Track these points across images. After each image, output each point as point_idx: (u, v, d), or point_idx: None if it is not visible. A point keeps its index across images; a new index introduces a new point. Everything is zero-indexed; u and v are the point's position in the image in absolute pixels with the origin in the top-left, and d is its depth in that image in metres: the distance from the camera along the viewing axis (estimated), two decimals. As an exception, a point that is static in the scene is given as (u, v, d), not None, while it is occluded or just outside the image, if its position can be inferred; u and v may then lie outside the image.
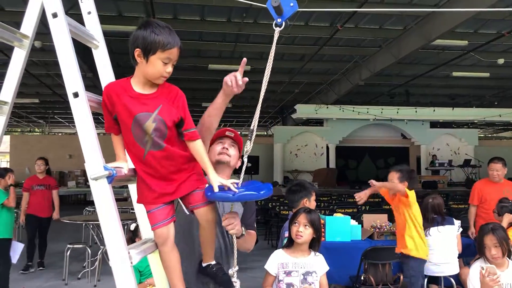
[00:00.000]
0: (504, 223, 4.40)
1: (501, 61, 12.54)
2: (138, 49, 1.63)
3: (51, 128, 28.85)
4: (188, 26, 10.64)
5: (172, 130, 1.67)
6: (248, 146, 1.78)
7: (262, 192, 1.69)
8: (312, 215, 2.58)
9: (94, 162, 1.47)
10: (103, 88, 1.72)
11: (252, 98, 19.79)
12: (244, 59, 1.92)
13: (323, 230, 4.25)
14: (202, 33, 11.47)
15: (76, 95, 1.48)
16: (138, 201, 1.75)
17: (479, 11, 8.59)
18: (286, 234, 3.06)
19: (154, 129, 1.63)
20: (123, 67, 14.26)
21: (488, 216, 5.11)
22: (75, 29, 1.62)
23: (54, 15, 1.50)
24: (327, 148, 19.23)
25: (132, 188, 1.85)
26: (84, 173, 15.71)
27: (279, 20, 1.74)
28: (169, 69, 1.66)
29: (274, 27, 1.74)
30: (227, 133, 2.30)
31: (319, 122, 19.79)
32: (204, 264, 1.93)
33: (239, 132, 2.35)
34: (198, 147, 1.72)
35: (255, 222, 2.37)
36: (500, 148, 22.22)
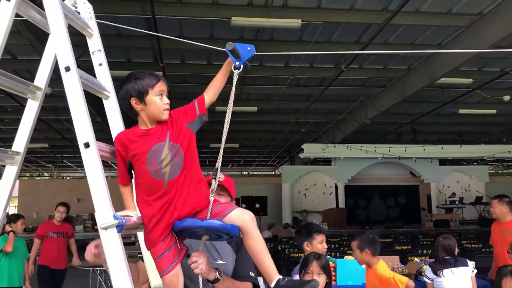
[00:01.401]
0: (520, 264, 4.30)
1: (506, 98, 12.59)
2: (133, 98, 1.76)
3: (59, 172, 29.05)
4: (195, 70, 10.88)
5: (187, 153, 1.76)
6: (213, 185, 1.77)
7: (229, 224, 1.70)
8: (323, 260, 2.55)
9: (103, 211, 1.48)
10: (113, 137, 1.77)
11: (260, 139, 19.94)
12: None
13: (334, 273, 4.17)
14: (209, 77, 11.64)
15: (87, 145, 1.50)
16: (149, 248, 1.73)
17: (481, 52, 8.72)
18: (296, 277, 3.01)
19: (172, 156, 1.71)
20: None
21: (498, 258, 5.03)
22: (86, 81, 1.68)
23: (67, 69, 1.55)
24: (336, 187, 19.09)
25: (141, 236, 1.85)
26: (92, 217, 15.68)
27: (237, 63, 1.83)
28: (166, 100, 1.80)
29: (233, 69, 1.84)
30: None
31: (327, 161, 19.76)
32: (273, 284, 1.78)
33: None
34: None
35: (253, 273, 2.15)
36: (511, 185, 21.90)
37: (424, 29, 9.16)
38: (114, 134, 1.84)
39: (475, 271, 4.34)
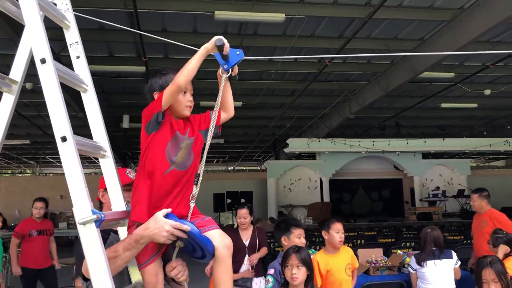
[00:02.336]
0: (500, 254, 4.37)
1: (487, 92, 12.78)
2: (156, 92, 1.82)
3: (42, 169, 28.64)
4: (180, 64, 10.69)
5: (196, 156, 1.82)
6: (194, 191, 1.75)
7: (209, 240, 1.68)
8: (302, 253, 2.55)
9: (81, 206, 1.45)
10: (92, 132, 1.78)
11: (245, 134, 19.91)
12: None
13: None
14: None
15: (64, 139, 1.47)
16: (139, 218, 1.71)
17: (448, 54, 8.80)
18: (270, 271, 3.03)
19: (189, 149, 1.78)
20: (114, 106, 14.36)
21: (476, 248, 5.20)
22: (64, 74, 1.64)
23: (43, 61, 1.52)
24: (321, 181, 19.19)
25: (122, 231, 1.82)
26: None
27: (225, 66, 1.82)
28: (189, 97, 1.86)
29: (221, 73, 1.82)
30: None
31: (311, 156, 19.84)
32: None
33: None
34: None
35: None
36: (492, 178, 22.29)
37: (406, 24, 9.23)
38: (93, 129, 1.81)
39: (459, 262, 4.41)
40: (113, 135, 18.25)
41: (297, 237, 3.35)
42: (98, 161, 1.87)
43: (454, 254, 4.34)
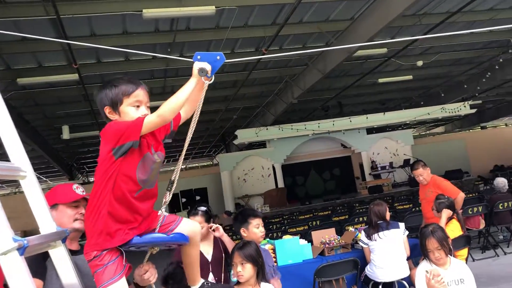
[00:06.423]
0: (443, 218, 4.59)
1: (419, 63, 13.31)
2: (107, 107, 1.68)
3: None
4: (114, 68, 10.45)
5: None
6: (168, 198, 1.74)
7: (186, 236, 1.78)
8: (246, 249, 2.51)
9: (1, 235, 1.35)
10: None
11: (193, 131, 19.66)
12: None
13: (274, 255, 4.22)
14: (128, 73, 11.30)
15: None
16: (111, 246, 1.68)
17: (361, 45, 9.10)
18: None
19: (159, 167, 1.75)
20: (51, 117, 13.77)
21: (425, 216, 5.43)
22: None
23: None
24: (274, 168, 19.38)
25: (55, 254, 1.73)
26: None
27: (208, 74, 1.72)
28: (144, 111, 1.71)
29: (204, 80, 1.73)
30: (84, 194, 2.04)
31: (262, 145, 19.97)
32: (197, 286, 1.95)
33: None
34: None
35: None
36: (434, 144, 23.39)
37: (336, 5, 9.40)
38: (8, 148, 1.68)
39: (407, 232, 4.57)
40: (55, 148, 17.54)
41: (255, 227, 3.28)
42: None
43: (401, 224, 4.50)
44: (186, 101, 1.66)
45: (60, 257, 1.69)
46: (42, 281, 1.82)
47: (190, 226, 1.84)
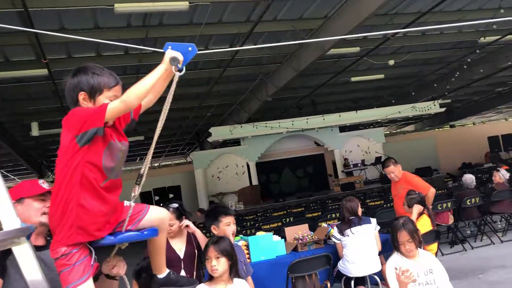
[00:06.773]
0: (414, 213, 4.68)
1: (391, 62, 13.53)
2: (83, 92, 1.65)
3: None
4: (84, 63, 10.19)
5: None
6: (136, 192, 1.71)
7: (145, 232, 1.74)
8: (221, 244, 2.51)
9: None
10: None
11: (165, 127, 19.33)
12: None
13: (247, 252, 4.21)
14: (101, 69, 11.07)
15: None
16: (82, 239, 1.65)
17: (341, 38, 9.18)
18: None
19: (125, 156, 1.74)
20: (20, 114, 13.39)
21: (398, 212, 5.51)
22: None
23: None
24: (248, 166, 19.39)
25: (18, 251, 1.66)
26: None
27: (179, 65, 1.71)
28: None
29: (174, 71, 1.70)
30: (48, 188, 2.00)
31: (236, 142, 19.95)
32: (163, 275, 1.93)
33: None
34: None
35: None
36: (405, 142, 23.86)
37: (310, 3, 9.43)
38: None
39: (378, 227, 4.64)
40: (24, 145, 17.06)
41: (226, 225, 3.26)
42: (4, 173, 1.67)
43: (372, 220, 4.56)
44: (152, 88, 1.63)
45: (24, 254, 1.63)
46: (1, 280, 1.75)
47: (158, 213, 1.82)
